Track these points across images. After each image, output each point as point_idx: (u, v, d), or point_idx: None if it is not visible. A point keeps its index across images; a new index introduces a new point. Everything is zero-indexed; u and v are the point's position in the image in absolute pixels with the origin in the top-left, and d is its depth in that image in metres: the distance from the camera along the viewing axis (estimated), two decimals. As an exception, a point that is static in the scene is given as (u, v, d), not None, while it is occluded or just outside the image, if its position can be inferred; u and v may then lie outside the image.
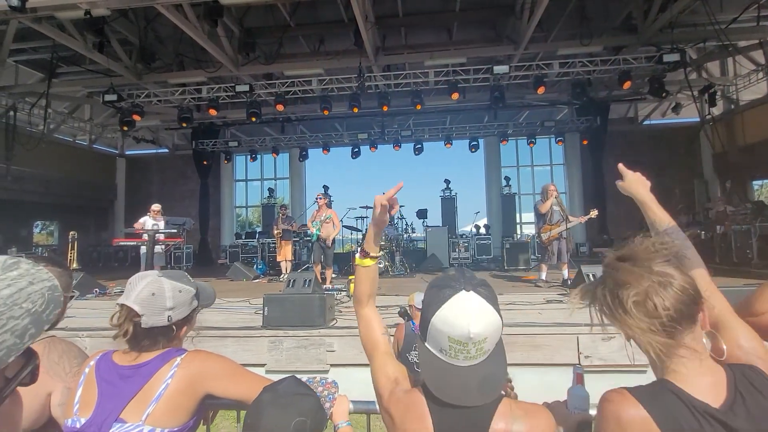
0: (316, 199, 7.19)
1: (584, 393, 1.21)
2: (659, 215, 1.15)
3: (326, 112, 10.07)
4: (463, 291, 0.88)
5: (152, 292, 1.08)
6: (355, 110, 9.81)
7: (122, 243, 7.40)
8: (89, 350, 3.68)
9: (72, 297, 1.33)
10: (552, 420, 0.95)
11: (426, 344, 0.92)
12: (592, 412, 1.23)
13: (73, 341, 1.12)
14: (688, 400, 0.77)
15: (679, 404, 0.77)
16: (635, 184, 1.24)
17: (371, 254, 1.13)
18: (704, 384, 0.79)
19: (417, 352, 3.04)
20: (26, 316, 0.52)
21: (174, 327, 1.11)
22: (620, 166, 1.29)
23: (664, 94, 8.90)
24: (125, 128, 10.36)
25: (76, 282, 5.81)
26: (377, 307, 4.41)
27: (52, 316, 0.56)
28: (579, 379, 1.25)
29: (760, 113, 11.07)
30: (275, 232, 8.52)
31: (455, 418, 0.87)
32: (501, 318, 0.90)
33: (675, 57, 8.05)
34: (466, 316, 0.85)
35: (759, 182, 14.05)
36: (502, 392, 0.94)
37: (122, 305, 1.08)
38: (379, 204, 1.11)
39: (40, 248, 13.90)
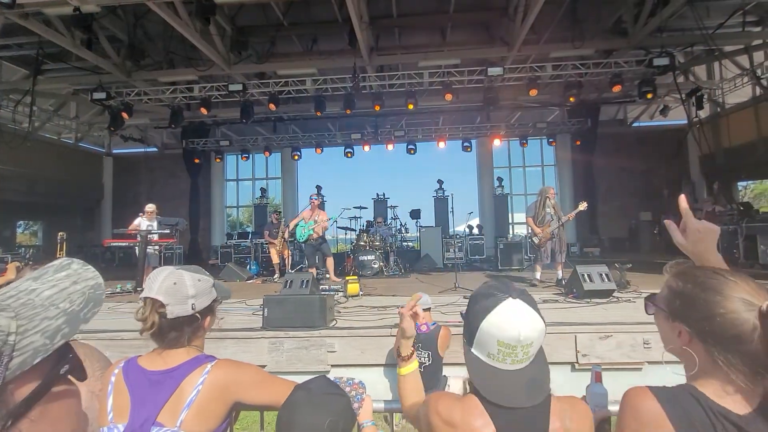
0: (311, 200, 7.17)
1: (603, 390, 1.24)
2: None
3: (318, 114, 10.03)
4: (510, 298, 0.93)
5: (174, 281, 1.08)
6: (348, 112, 9.80)
7: (113, 243, 7.24)
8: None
9: None
10: (586, 404, 1.02)
11: (473, 350, 0.97)
12: (611, 408, 1.25)
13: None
14: (707, 403, 0.79)
15: (696, 406, 0.79)
16: (703, 239, 0.96)
17: (407, 355, 1.17)
18: (731, 396, 0.79)
19: (418, 352, 3.06)
20: (61, 316, 0.52)
21: (198, 316, 1.10)
22: (681, 198, 1.01)
23: (650, 95, 9.05)
24: (113, 128, 10.15)
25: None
26: (374, 307, 4.41)
27: (90, 315, 0.56)
28: (597, 378, 1.28)
29: (744, 116, 11.36)
30: (270, 236, 8.58)
31: (514, 418, 0.91)
32: (545, 322, 0.95)
33: (664, 61, 8.21)
34: (516, 321, 0.91)
35: (743, 183, 14.42)
36: (542, 398, 0.96)
37: (146, 298, 1.07)
38: (406, 316, 1.18)
39: (24, 248, 13.54)
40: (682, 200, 1.03)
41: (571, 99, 9.48)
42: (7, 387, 0.48)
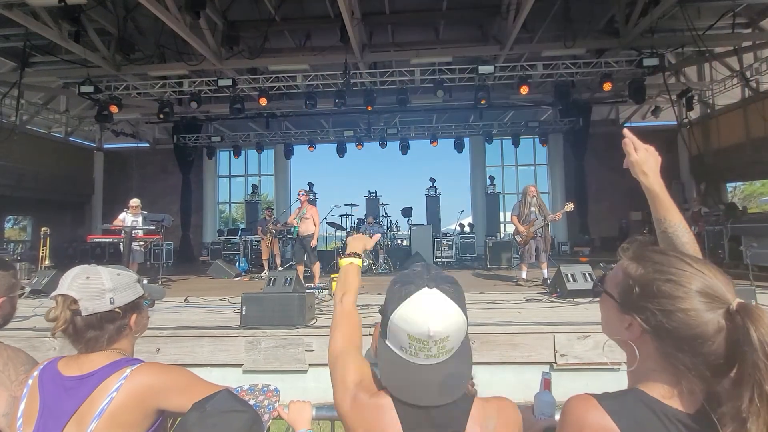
0: (298, 195, 7.12)
1: (550, 399, 1.21)
2: (672, 211, 0.99)
3: (309, 107, 9.97)
4: (426, 288, 0.84)
5: (86, 275, 1.00)
6: (339, 106, 9.75)
7: (97, 240, 7.16)
8: (59, 351, 3.57)
9: (22, 294, 1.25)
10: (517, 409, 0.94)
11: (386, 341, 0.89)
12: (558, 417, 1.23)
13: (42, 342, 1.06)
14: (659, 408, 0.71)
15: (648, 413, 0.71)
16: (649, 161, 1.01)
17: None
18: (679, 396, 0.72)
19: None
20: None
21: (119, 311, 1.02)
22: (626, 131, 1.05)
23: (643, 99, 9.09)
24: (101, 122, 10.04)
25: (47, 279, 5.62)
26: (359, 306, 4.39)
27: None
28: (546, 385, 1.24)
29: (733, 118, 11.44)
30: (263, 232, 8.61)
31: (427, 422, 0.84)
32: (466, 316, 0.86)
33: (654, 61, 8.24)
34: (427, 313, 0.82)
35: (732, 184, 14.54)
36: (465, 391, 0.90)
37: (56, 296, 0.99)
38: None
39: (12, 244, 13.40)
40: (627, 132, 1.06)
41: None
42: None
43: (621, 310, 0.77)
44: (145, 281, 1.17)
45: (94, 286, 1.00)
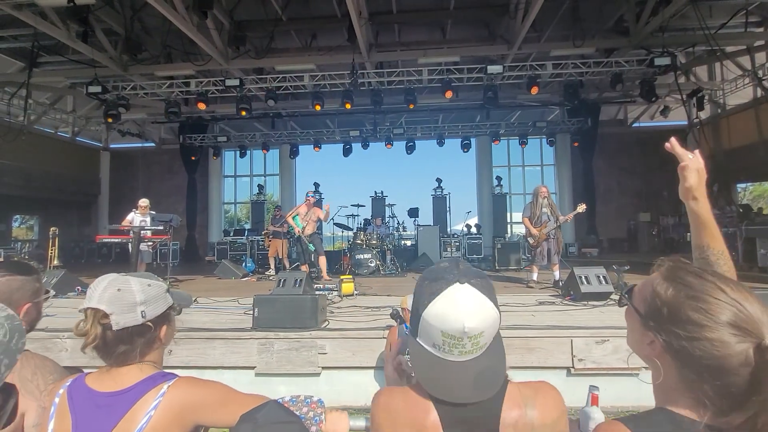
0: (307, 195, 7.08)
1: (599, 416, 1.14)
2: (718, 239, 0.94)
3: (318, 107, 9.94)
4: (457, 283, 0.83)
5: (117, 288, 0.96)
6: (348, 106, 9.70)
7: (106, 240, 7.15)
8: (71, 352, 3.53)
9: (47, 298, 1.21)
10: (559, 392, 0.91)
11: (418, 339, 0.87)
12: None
13: (54, 343, 1.02)
14: (691, 427, 0.67)
15: None
16: (702, 184, 0.95)
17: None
18: (703, 410, 0.68)
19: (408, 356, 3.00)
20: None
21: (151, 325, 0.98)
22: (673, 141, 0.99)
23: (654, 98, 8.98)
24: (110, 120, 10.06)
25: (56, 280, 5.61)
26: (368, 308, 4.32)
27: (20, 345, 0.57)
28: (594, 400, 1.18)
29: (745, 118, 11.30)
30: (264, 232, 8.59)
31: (462, 411, 0.83)
32: (499, 311, 0.85)
33: (666, 61, 8.13)
34: (461, 309, 0.80)
35: (742, 185, 14.37)
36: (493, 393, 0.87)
37: (86, 309, 0.94)
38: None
39: (20, 243, 13.46)
40: (675, 144, 0.99)
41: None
42: None
43: (644, 326, 0.75)
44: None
45: (125, 298, 0.95)
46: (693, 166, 0.96)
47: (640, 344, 0.76)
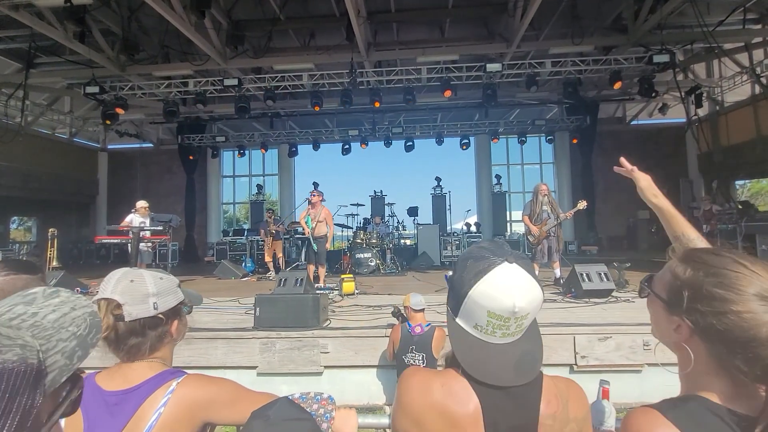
0: (310, 195, 6.98)
1: (610, 408, 1.14)
2: (688, 227, 1.02)
3: (317, 108, 9.91)
4: (506, 262, 0.81)
5: (131, 279, 0.96)
6: (345, 106, 9.69)
7: (105, 240, 7.12)
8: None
9: None
10: (584, 391, 0.91)
11: (457, 320, 0.85)
12: (616, 426, 1.17)
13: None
14: (726, 413, 0.67)
15: (716, 421, 0.66)
16: (653, 184, 1.12)
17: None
18: (738, 398, 0.68)
19: (412, 354, 2.99)
20: (73, 339, 0.56)
21: (162, 317, 0.98)
22: (622, 160, 1.19)
23: (654, 94, 8.99)
24: (108, 122, 10.02)
25: (56, 281, 5.58)
26: (369, 306, 4.31)
27: (95, 340, 0.61)
28: (604, 394, 1.18)
29: (743, 115, 11.33)
30: (265, 234, 8.55)
31: (502, 399, 0.81)
32: (543, 292, 0.84)
33: (664, 58, 8.14)
34: (512, 289, 0.79)
35: (741, 182, 14.41)
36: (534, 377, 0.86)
37: (99, 300, 0.95)
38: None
39: (18, 244, 13.40)
40: (624, 161, 1.20)
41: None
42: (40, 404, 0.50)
43: (669, 312, 0.74)
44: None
45: (138, 289, 0.96)
46: (639, 172, 1.15)
47: (667, 331, 0.75)
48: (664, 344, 0.79)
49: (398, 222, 11.86)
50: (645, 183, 1.14)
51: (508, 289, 0.79)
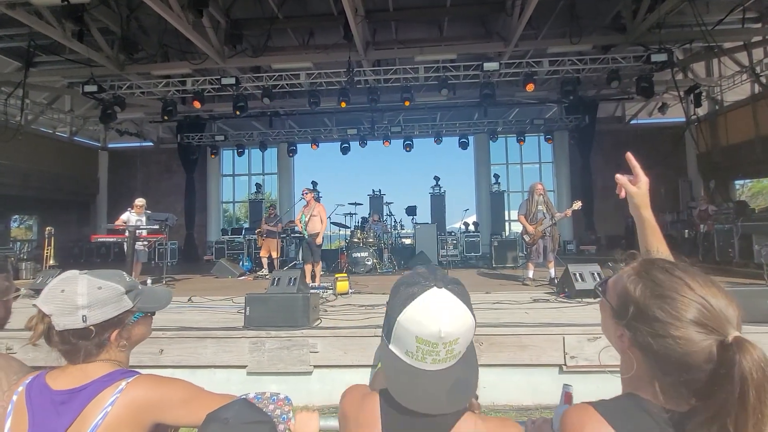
0: (303, 194, 7.05)
1: None
2: (663, 242, 1.03)
3: (313, 107, 9.92)
4: (435, 288, 0.80)
5: (62, 289, 0.95)
6: (343, 105, 9.69)
7: (101, 239, 7.15)
8: (46, 353, 3.55)
9: (16, 297, 1.22)
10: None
11: (390, 346, 0.84)
12: None
13: (43, 342, 1.01)
14: (656, 409, 0.70)
15: (644, 415, 0.70)
16: (647, 193, 1.06)
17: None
18: (668, 397, 0.71)
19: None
20: None
21: (93, 329, 0.95)
22: (629, 155, 1.08)
23: (652, 94, 8.96)
24: (105, 121, 10.05)
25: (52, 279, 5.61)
26: (362, 306, 4.33)
27: None
28: (567, 399, 1.17)
29: (742, 114, 11.27)
30: (258, 231, 8.63)
31: (410, 420, 0.81)
32: (474, 318, 0.82)
33: (663, 57, 8.11)
34: (437, 314, 0.78)
35: (740, 182, 14.35)
36: (467, 405, 0.86)
37: (35, 305, 0.95)
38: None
39: (18, 243, 13.48)
40: (630, 157, 1.09)
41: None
42: None
43: (615, 320, 0.77)
44: (149, 282, 1.11)
45: (67, 300, 0.94)
46: (642, 181, 1.07)
47: (612, 336, 0.79)
48: (611, 345, 0.81)
49: (396, 221, 11.87)
50: (644, 190, 1.06)
51: (434, 313, 0.78)
